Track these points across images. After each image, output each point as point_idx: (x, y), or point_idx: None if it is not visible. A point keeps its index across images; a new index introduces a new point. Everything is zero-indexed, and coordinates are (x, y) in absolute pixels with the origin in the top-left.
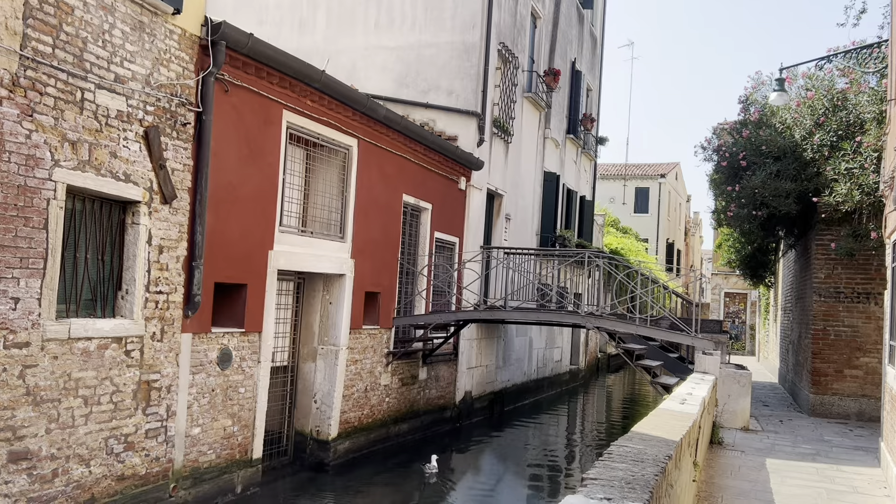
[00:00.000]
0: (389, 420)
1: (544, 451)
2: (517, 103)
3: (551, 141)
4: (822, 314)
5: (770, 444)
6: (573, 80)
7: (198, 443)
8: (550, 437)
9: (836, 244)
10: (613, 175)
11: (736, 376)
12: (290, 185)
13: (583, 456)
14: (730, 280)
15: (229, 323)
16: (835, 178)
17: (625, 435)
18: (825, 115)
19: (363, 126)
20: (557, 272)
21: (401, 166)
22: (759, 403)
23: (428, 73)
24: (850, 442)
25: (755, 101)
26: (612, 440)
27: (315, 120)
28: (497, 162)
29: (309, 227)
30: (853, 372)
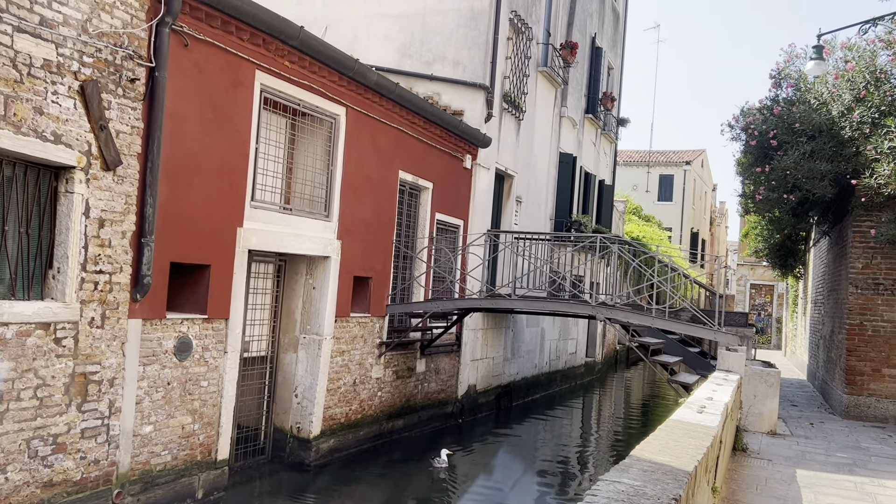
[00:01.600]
0: (382, 416)
1: (555, 450)
2: (530, 78)
3: (568, 120)
4: (858, 307)
5: (800, 452)
6: (593, 57)
7: (150, 443)
8: (562, 435)
9: (877, 231)
10: (637, 162)
11: (763, 375)
12: (266, 156)
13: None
14: (756, 271)
15: (189, 308)
16: (876, 157)
17: (621, 462)
18: (866, 88)
19: (352, 93)
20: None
21: (397, 140)
22: (786, 403)
23: (433, 43)
24: (891, 450)
25: (788, 76)
26: (629, 441)
27: (295, 84)
28: (507, 140)
29: (291, 204)
30: (892, 371)
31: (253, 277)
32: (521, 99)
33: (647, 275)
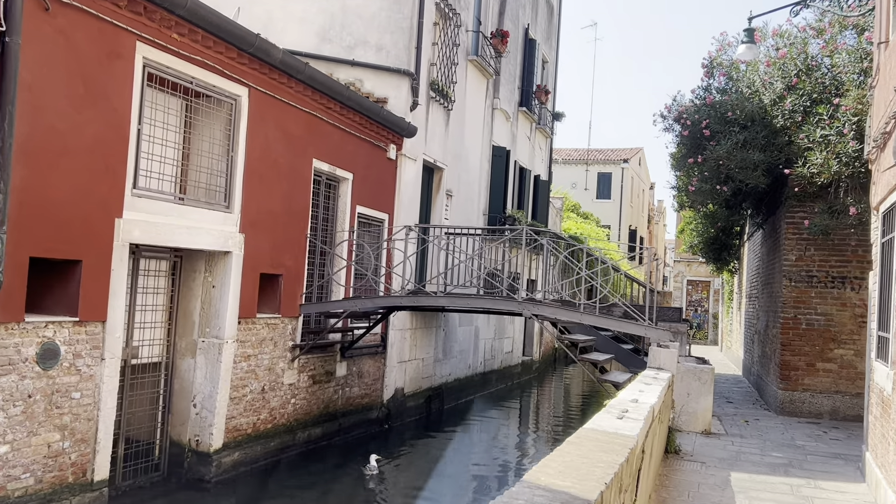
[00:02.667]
0: (297, 425)
1: (490, 453)
2: (460, 67)
3: (501, 112)
4: (792, 300)
5: (735, 452)
6: (526, 49)
7: (6, 465)
8: (498, 437)
9: (810, 221)
10: (575, 160)
11: (696, 372)
12: (152, 139)
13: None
14: (692, 267)
15: (56, 310)
16: (809, 146)
17: (507, 492)
18: (798, 76)
19: (255, 72)
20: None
21: (310, 126)
22: (721, 400)
23: (354, 27)
24: (826, 447)
25: (720, 65)
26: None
27: (186, 59)
28: (436, 130)
29: (187, 192)
30: (826, 365)
31: (141, 275)
32: (449, 88)
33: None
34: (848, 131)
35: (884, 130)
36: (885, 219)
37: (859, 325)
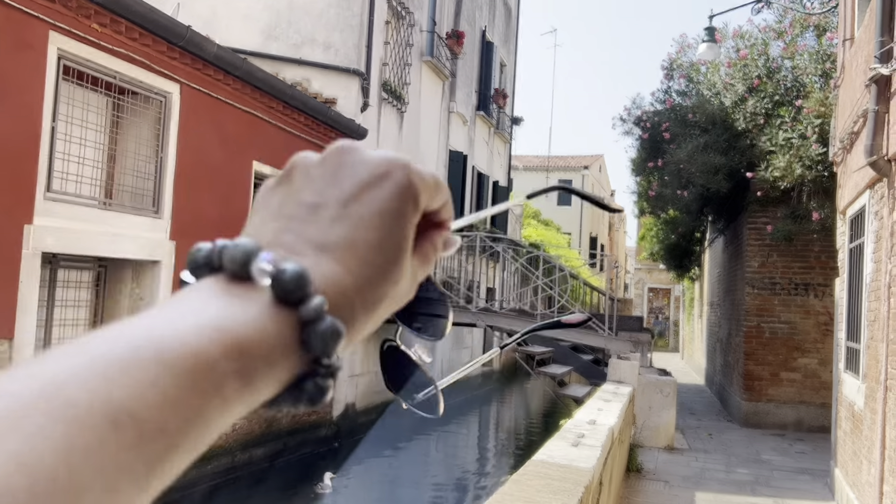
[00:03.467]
0: (236, 446)
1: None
2: (414, 68)
3: (457, 116)
4: (755, 308)
5: (700, 469)
6: (484, 52)
7: None
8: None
9: (773, 227)
10: (536, 167)
11: (658, 385)
12: (69, 139)
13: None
14: (653, 274)
15: None
16: (771, 149)
17: None
18: (759, 78)
19: (187, 68)
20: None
21: (250, 126)
22: (684, 412)
23: (301, 24)
24: (793, 462)
25: (680, 66)
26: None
27: (109, 52)
28: (388, 134)
29: (112, 197)
30: (790, 375)
31: (60, 287)
32: (403, 89)
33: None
34: (811, 134)
35: (851, 130)
36: (853, 223)
37: (823, 334)
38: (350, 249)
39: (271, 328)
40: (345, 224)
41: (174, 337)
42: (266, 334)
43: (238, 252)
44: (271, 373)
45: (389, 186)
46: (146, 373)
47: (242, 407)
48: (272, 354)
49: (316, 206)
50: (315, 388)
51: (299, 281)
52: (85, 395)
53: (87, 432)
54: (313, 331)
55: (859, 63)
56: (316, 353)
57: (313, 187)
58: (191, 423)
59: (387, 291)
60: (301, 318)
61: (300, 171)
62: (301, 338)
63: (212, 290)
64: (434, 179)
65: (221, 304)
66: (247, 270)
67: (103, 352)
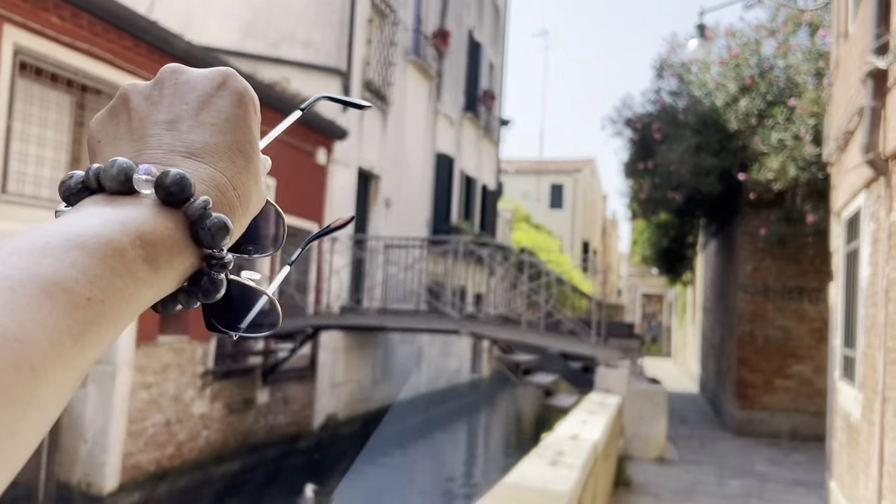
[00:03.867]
0: (210, 459)
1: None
2: (398, 67)
3: (444, 117)
4: (749, 314)
5: (691, 482)
6: (472, 52)
7: None
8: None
9: (767, 230)
10: (528, 170)
11: (648, 394)
12: (28, 138)
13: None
14: (646, 280)
15: None
16: (764, 150)
17: None
18: (752, 77)
19: (155, 65)
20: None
21: None
22: (676, 420)
23: (280, 21)
24: (788, 473)
25: (671, 66)
26: None
27: (70, 48)
28: (371, 135)
29: None
30: (785, 383)
31: None
32: (386, 89)
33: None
34: (805, 134)
35: (845, 129)
36: (849, 226)
37: (818, 340)
38: (215, 153)
39: (165, 224)
40: (202, 131)
41: (85, 227)
42: (162, 228)
43: (115, 169)
44: (174, 263)
45: (230, 94)
46: (66, 256)
47: (153, 291)
48: (172, 246)
49: (170, 121)
50: (209, 282)
51: (181, 182)
52: (16, 273)
53: (24, 299)
54: (202, 226)
55: (854, 59)
56: (206, 246)
57: (161, 107)
58: (112, 297)
59: (253, 188)
60: (189, 217)
61: (139, 97)
62: (191, 234)
63: (98, 204)
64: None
65: (114, 210)
66: (128, 185)
67: (22, 243)
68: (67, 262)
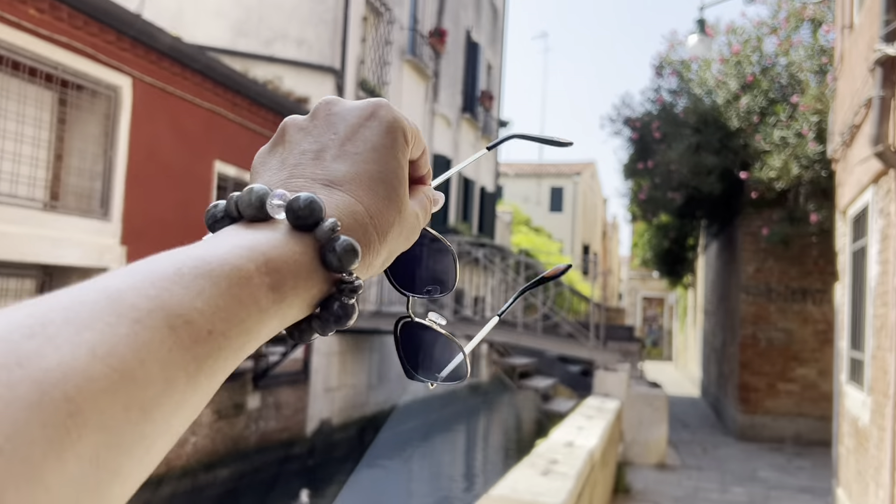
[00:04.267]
0: (198, 467)
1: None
2: (394, 67)
3: (441, 118)
4: (751, 316)
5: (692, 489)
6: (469, 52)
7: None
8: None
9: (769, 230)
10: (528, 173)
11: (648, 398)
12: (4, 134)
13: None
14: (647, 283)
15: None
16: (766, 148)
17: None
18: (753, 74)
19: (139, 60)
20: None
21: (211, 124)
22: (677, 425)
23: (273, 19)
24: (792, 480)
25: (671, 63)
26: None
27: (49, 41)
28: None
29: (59, 199)
30: (788, 386)
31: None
32: (381, 89)
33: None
34: (808, 132)
35: (851, 123)
36: (855, 223)
37: (822, 343)
38: (354, 181)
39: (293, 248)
40: (345, 161)
41: (213, 256)
42: (290, 253)
43: (252, 196)
44: (299, 289)
45: (378, 124)
46: (193, 284)
47: (277, 320)
48: (298, 271)
49: (317, 151)
50: (340, 308)
51: (311, 206)
52: (144, 302)
53: (148, 332)
54: (330, 249)
55: (860, 49)
56: (334, 270)
57: (311, 138)
58: (234, 329)
59: (394, 218)
60: (318, 240)
61: (294, 129)
62: (320, 258)
63: (235, 230)
64: (414, 125)
65: (247, 234)
66: (263, 211)
67: (152, 269)
68: (194, 292)
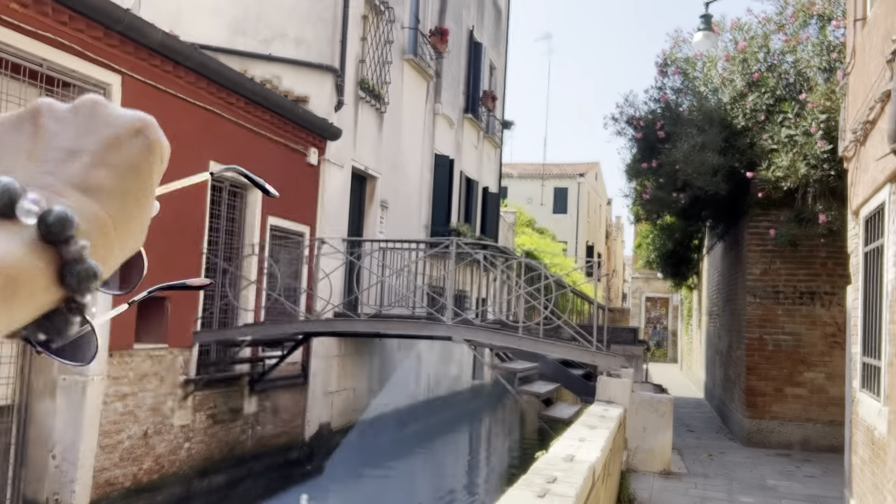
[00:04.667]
0: (192, 472)
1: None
2: (395, 66)
3: (443, 118)
4: (757, 319)
5: (699, 499)
6: (472, 53)
7: None
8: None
9: (777, 231)
10: (531, 174)
11: (654, 403)
12: None
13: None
14: (651, 283)
15: None
16: (773, 147)
17: None
18: (759, 71)
19: (129, 57)
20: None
21: (207, 124)
22: (682, 429)
23: (271, 18)
24: (801, 488)
25: (675, 61)
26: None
27: (34, 37)
28: (367, 135)
29: None
30: (796, 391)
31: None
32: (382, 88)
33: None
34: (816, 130)
35: (865, 119)
36: (869, 224)
37: (830, 346)
38: (110, 195)
39: (35, 262)
40: (104, 171)
41: None
42: (30, 266)
43: (2, 190)
44: (30, 302)
45: (143, 143)
46: None
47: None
48: (33, 286)
49: (73, 151)
50: (61, 321)
51: (64, 222)
52: None
53: None
54: (71, 270)
55: (875, 43)
56: (70, 290)
57: (68, 133)
58: None
59: (136, 237)
60: (63, 258)
61: (50, 116)
62: (60, 274)
63: None
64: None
65: None
66: (12, 210)
67: None
68: None
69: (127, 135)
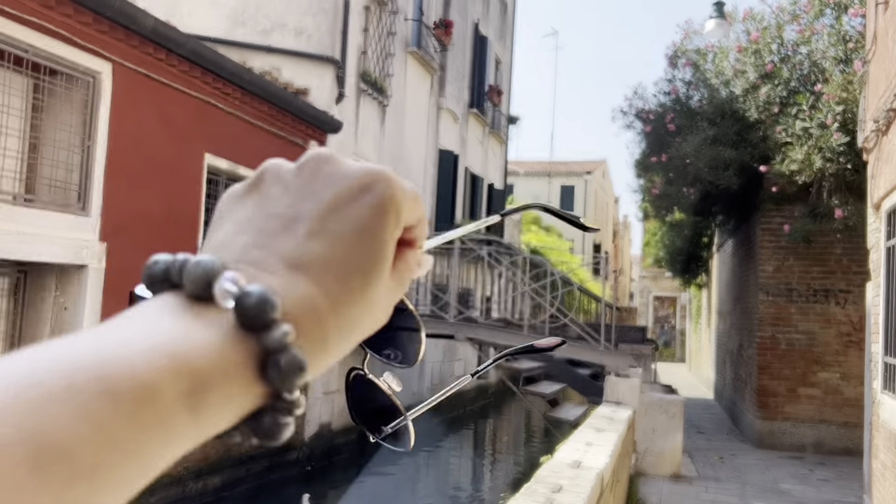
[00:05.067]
0: (187, 475)
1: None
2: (398, 59)
3: (447, 113)
4: (770, 317)
5: (710, 503)
6: (477, 46)
7: None
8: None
9: (791, 227)
10: (538, 172)
11: (663, 405)
12: None
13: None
14: (659, 282)
15: None
16: (787, 140)
17: None
18: (773, 62)
19: (121, 44)
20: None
21: (201, 114)
22: (692, 430)
23: (270, 8)
24: (815, 492)
25: (686, 53)
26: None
27: (19, 21)
28: (369, 128)
29: (36, 192)
30: (809, 391)
31: None
32: (384, 81)
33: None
34: (832, 122)
35: (888, 108)
36: (891, 218)
37: (845, 345)
38: (327, 268)
39: (231, 356)
40: (322, 240)
41: (121, 363)
42: (224, 362)
43: (199, 270)
44: (227, 405)
45: (371, 200)
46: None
47: (191, 442)
48: (230, 385)
49: (290, 219)
50: (272, 424)
51: (264, 305)
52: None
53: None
54: (273, 363)
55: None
56: (273, 386)
57: (287, 199)
58: (129, 460)
59: (363, 316)
60: (263, 347)
61: (272, 180)
62: (260, 369)
63: (169, 308)
64: (413, 194)
65: (178, 325)
66: (208, 292)
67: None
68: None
69: (350, 194)
